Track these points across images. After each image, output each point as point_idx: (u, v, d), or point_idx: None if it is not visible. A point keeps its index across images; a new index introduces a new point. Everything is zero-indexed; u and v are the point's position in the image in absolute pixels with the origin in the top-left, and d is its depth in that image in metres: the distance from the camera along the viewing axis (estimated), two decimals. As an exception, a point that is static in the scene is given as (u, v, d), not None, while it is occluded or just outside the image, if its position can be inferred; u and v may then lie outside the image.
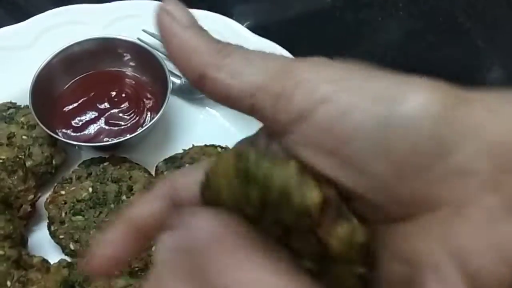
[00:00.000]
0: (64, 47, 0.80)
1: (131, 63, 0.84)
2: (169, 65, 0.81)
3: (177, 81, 0.83)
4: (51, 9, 0.89)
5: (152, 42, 0.85)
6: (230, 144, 0.60)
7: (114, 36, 0.82)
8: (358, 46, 0.97)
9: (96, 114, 0.80)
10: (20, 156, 0.73)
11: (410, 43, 0.98)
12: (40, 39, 0.86)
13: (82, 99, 0.81)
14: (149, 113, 0.81)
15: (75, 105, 0.81)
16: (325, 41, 0.95)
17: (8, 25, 0.88)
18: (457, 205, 0.25)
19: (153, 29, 0.86)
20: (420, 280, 0.25)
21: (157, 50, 0.83)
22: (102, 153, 0.78)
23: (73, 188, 0.73)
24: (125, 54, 0.84)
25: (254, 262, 0.26)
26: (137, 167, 0.76)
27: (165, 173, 0.75)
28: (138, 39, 0.84)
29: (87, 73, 0.83)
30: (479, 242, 0.24)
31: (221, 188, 0.28)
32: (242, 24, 0.90)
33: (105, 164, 0.75)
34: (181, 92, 0.84)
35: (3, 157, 0.72)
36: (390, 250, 0.27)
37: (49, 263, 0.66)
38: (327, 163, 0.27)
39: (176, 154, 0.77)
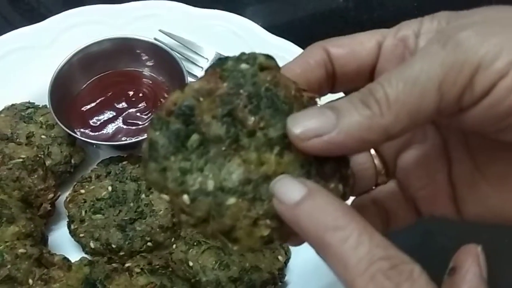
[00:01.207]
0: (82, 47, 0.81)
1: (148, 63, 0.85)
2: (186, 65, 0.82)
3: (194, 80, 0.84)
4: (63, 10, 0.90)
5: (168, 42, 0.86)
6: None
7: (132, 36, 0.83)
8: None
9: (114, 114, 0.80)
10: (40, 155, 0.74)
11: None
12: (58, 40, 0.86)
13: (100, 99, 0.82)
14: (166, 113, 0.81)
15: (93, 104, 0.81)
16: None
17: (22, 26, 0.88)
18: None
19: (169, 29, 0.87)
20: None
21: (174, 50, 0.83)
22: (121, 152, 0.79)
23: (92, 187, 0.73)
24: (142, 54, 0.84)
25: None
26: (155, 166, 0.76)
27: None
28: (155, 39, 0.84)
29: (104, 73, 0.84)
30: None
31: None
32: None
33: (124, 163, 0.76)
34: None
35: (23, 156, 0.72)
36: None
37: (70, 261, 0.66)
38: (494, 129, 0.34)
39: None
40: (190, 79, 0.80)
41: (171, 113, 0.34)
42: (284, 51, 0.83)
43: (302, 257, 0.70)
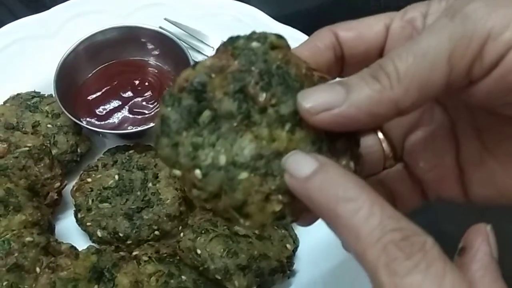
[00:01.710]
0: (88, 36, 0.80)
1: (154, 52, 0.84)
2: (191, 54, 0.81)
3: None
4: (67, 0, 0.89)
5: (174, 30, 0.85)
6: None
7: (137, 25, 0.82)
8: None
9: (120, 103, 0.80)
10: (46, 144, 0.73)
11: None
12: (63, 29, 0.86)
13: (106, 88, 0.81)
14: (172, 102, 0.80)
15: (98, 94, 0.81)
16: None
17: (26, 16, 0.88)
18: None
19: (175, 17, 0.86)
20: None
21: (179, 38, 0.82)
22: (127, 141, 0.78)
23: (99, 175, 0.73)
24: (148, 43, 0.83)
25: None
26: (162, 155, 0.75)
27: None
28: (160, 27, 0.83)
29: (110, 62, 0.83)
30: None
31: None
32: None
33: (130, 152, 0.75)
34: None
35: (29, 145, 0.72)
36: None
37: (77, 249, 0.66)
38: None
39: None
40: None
41: (183, 90, 0.34)
42: (291, 39, 0.81)
43: (310, 245, 0.70)
